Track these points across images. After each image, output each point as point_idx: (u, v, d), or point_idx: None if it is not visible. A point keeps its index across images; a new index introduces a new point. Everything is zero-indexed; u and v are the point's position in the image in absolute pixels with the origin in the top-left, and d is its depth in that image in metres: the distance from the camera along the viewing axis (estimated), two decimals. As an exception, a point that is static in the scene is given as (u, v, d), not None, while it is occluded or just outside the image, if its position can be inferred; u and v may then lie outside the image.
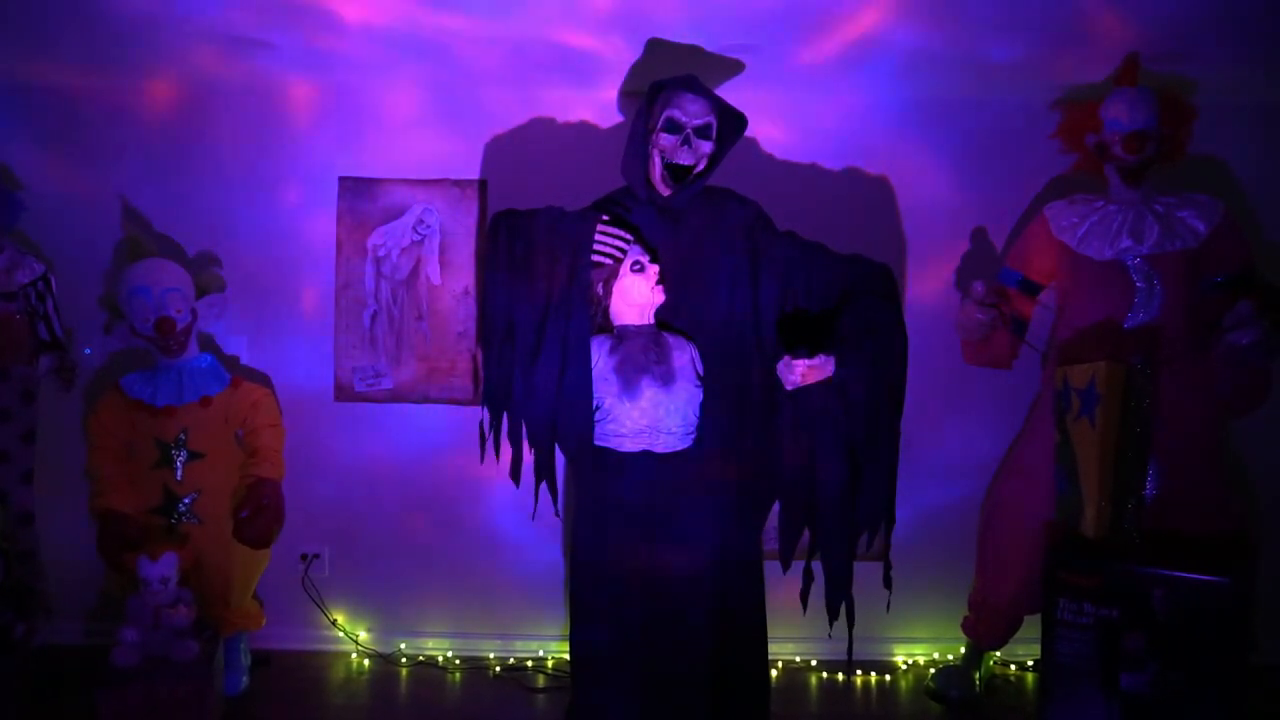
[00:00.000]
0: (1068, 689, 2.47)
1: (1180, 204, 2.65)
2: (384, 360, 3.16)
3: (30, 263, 2.85)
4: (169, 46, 2.83)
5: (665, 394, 2.31)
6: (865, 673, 3.08)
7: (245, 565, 2.84)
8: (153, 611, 2.56)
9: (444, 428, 3.18)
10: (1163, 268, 2.60)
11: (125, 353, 3.05)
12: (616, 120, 3.13)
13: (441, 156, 3.14)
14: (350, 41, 2.78)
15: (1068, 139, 2.82)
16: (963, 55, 2.79)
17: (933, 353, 3.07)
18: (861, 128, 3.14)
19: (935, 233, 3.15)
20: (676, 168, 2.36)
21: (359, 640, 3.21)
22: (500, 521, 3.20)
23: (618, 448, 2.34)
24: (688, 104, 2.35)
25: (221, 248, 3.15)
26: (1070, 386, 2.51)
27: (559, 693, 2.90)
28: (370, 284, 3.15)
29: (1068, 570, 2.47)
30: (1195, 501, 2.56)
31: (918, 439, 3.13)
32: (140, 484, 2.76)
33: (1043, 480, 2.67)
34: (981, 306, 2.65)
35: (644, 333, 2.36)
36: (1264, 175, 3.08)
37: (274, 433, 2.89)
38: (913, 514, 3.08)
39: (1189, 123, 2.72)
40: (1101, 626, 2.42)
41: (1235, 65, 2.83)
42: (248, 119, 3.14)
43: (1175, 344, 2.59)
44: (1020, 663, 3.13)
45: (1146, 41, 2.64)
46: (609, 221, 2.38)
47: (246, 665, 2.91)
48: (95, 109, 3.11)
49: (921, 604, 3.12)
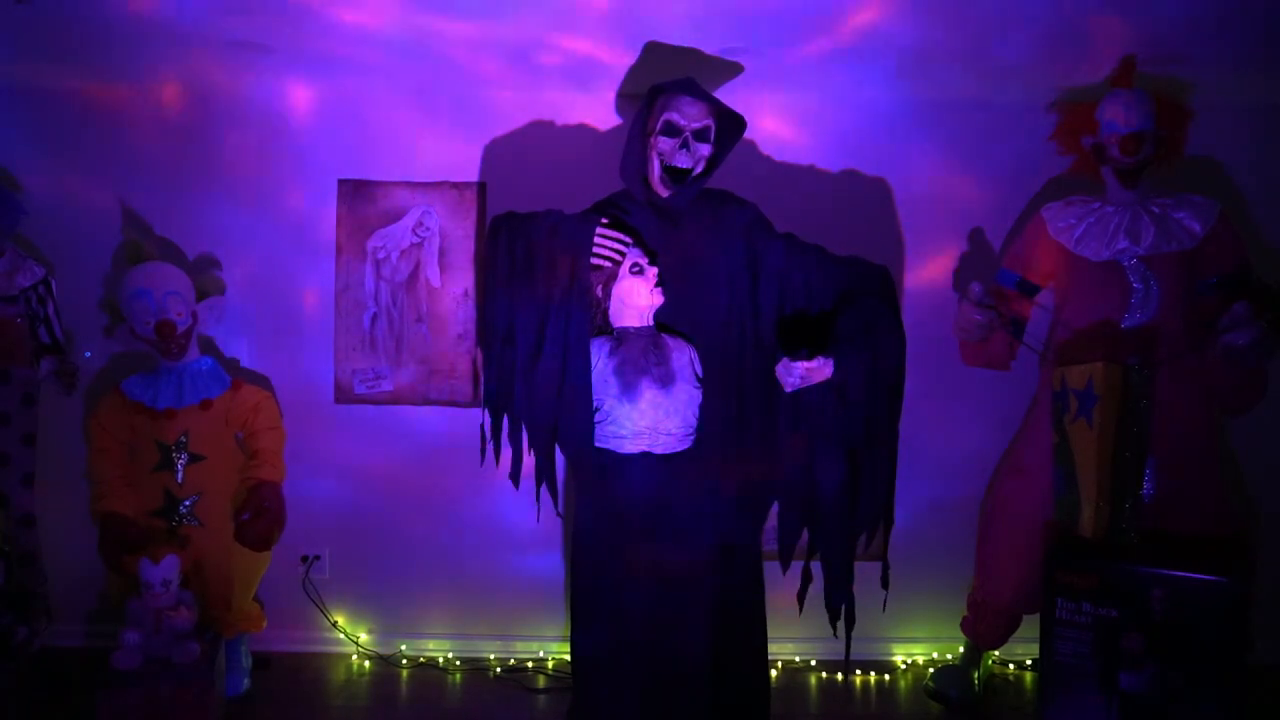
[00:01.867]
0: (1066, 688, 2.48)
1: (1176, 205, 2.66)
2: (384, 362, 3.17)
3: (31, 266, 2.86)
4: (169, 50, 2.84)
5: (664, 395, 2.32)
6: (864, 672, 3.09)
7: (246, 567, 2.85)
8: (154, 614, 2.56)
9: (444, 430, 3.18)
10: (1159, 268, 2.61)
11: (126, 355, 3.06)
12: (615, 123, 3.14)
13: (441, 159, 3.15)
14: (350, 45, 2.79)
15: (1064, 141, 2.83)
16: (960, 57, 2.80)
17: (931, 353, 3.08)
18: (859, 129, 3.15)
19: (933, 234, 3.16)
20: (675, 170, 2.37)
21: (360, 642, 3.21)
22: (500, 523, 3.21)
23: (617, 449, 2.35)
24: (686, 107, 2.36)
25: (221, 251, 3.16)
26: (1068, 387, 2.52)
27: (560, 693, 2.91)
28: (370, 286, 3.16)
29: (1066, 570, 2.48)
30: (1193, 501, 2.57)
31: (916, 439, 3.13)
32: (141, 487, 2.76)
33: (1041, 481, 2.68)
34: (979, 307, 2.66)
35: (643, 334, 2.37)
36: (1259, 176, 3.09)
37: (274, 435, 2.89)
38: (911, 514, 3.09)
39: (1185, 124, 2.73)
40: (1100, 626, 2.43)
41: (1231, 67, 2.85)
42: (248, 122, 3.15)
43: (1172, 344, 2.59)
44: (1019, 662, 3.14)
45: (1143, 43, 2.66)
46: (608, 224, 2.39)
47: (247, 667, 2.92)
48: (96, 113, 3.12)
49: (920, 604, 3.13)
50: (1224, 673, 2.32)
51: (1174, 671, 2.35)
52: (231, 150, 3.15)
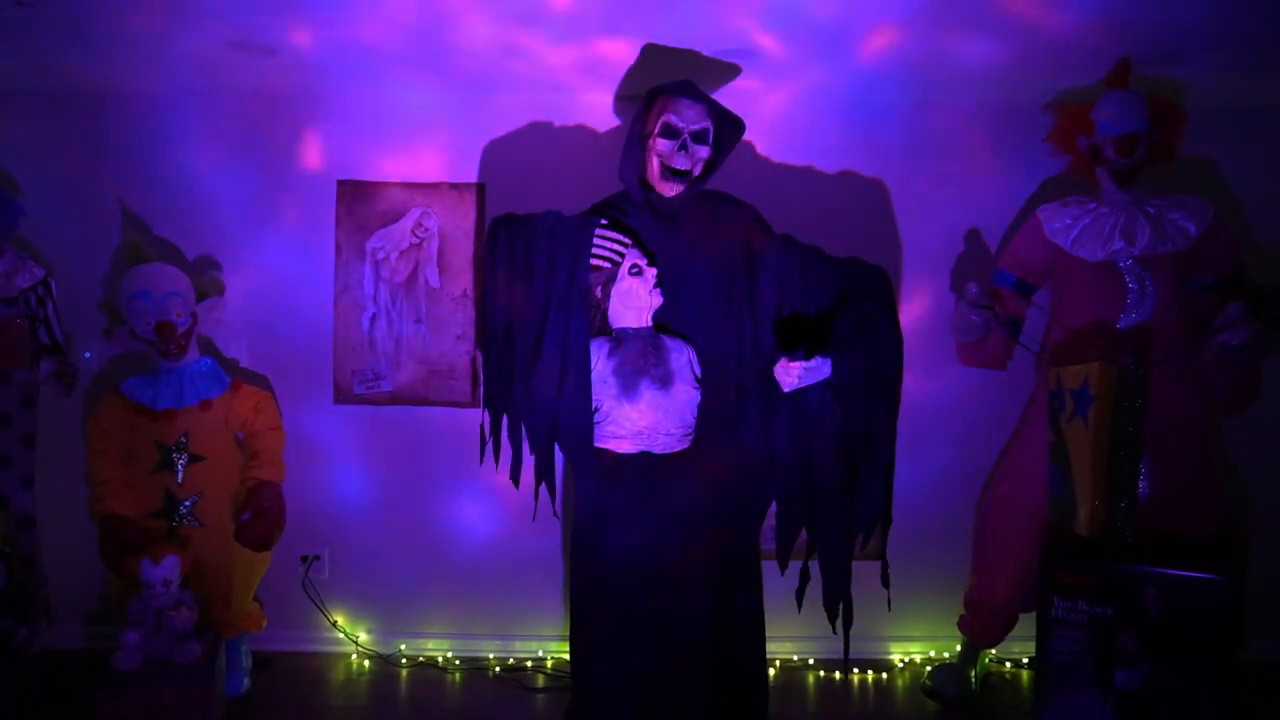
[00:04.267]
0: (1062, 686, 2.50)
1: (1171, 206, 2.68)
2: (383, 363, 3.17)
3: (30, 267, 2.86)
4: (168, 51, 2.84)
5: (663, 396, 2.33)
6: (862, 671, 3.10)
7: (246, 567, 2.85)
8: (154, 614, 2.57)
9: (443, 430, 3.19)
10: (1154, 269, 2.63)
11: (125, 357, 3.06)
12: (613, 124, 3.14)
13: (440, 160, 3.16)
14: (348, 46, 2.79)
15: (1060, 142, 2.84)
16: (957, 58, 2.81)
17: (928, 353, 3.10)
18: (857, 130, 3.16)
19: (930, 234, 3.17)
20: (674, 172, 2.37)
21: (359, 641, 3.22)
22: (499, 523, 3.21)
23: (616, 449, 2.35)
24: (685, 109, 2.36)
25: (221, 252, 3.16)
26: (1064, 387, 2.53)
27: (559, 693, 2.92)
28: (369, 287, 3.16)
29: (1062, 569, 2.50)
30: (1188, 500, 2.58)
31: (914, 439, 3.15)
32: (141, 487, 2.77)
33: (1037, 480, 2.69)
34: (976, 308, 2.67)
35: (642, 335, 2.38)
36: (1254, 177, 3.10)
37: (274, 435, 2.90)
38: (909, 513, 3.09)
39: (1180, 125, 2.74)
40: (1096, 624, 2.44)
41: (1226, 69, 2.86)
42: (247, 122, 3.15)
43: (1167, 345, 2.61)
44: (1016, 660, 3.15)
45: (1138, 45, 2.67)
46: (607, 225, 2.40)
47: (248, 667, 2.92)
48: (95, 113, 3.12)
49: (918, 603, 3.14)
50: (1218, 670, 2.34)
51: (1169, 669, 2.37)
52: (230, 150, 3.15)
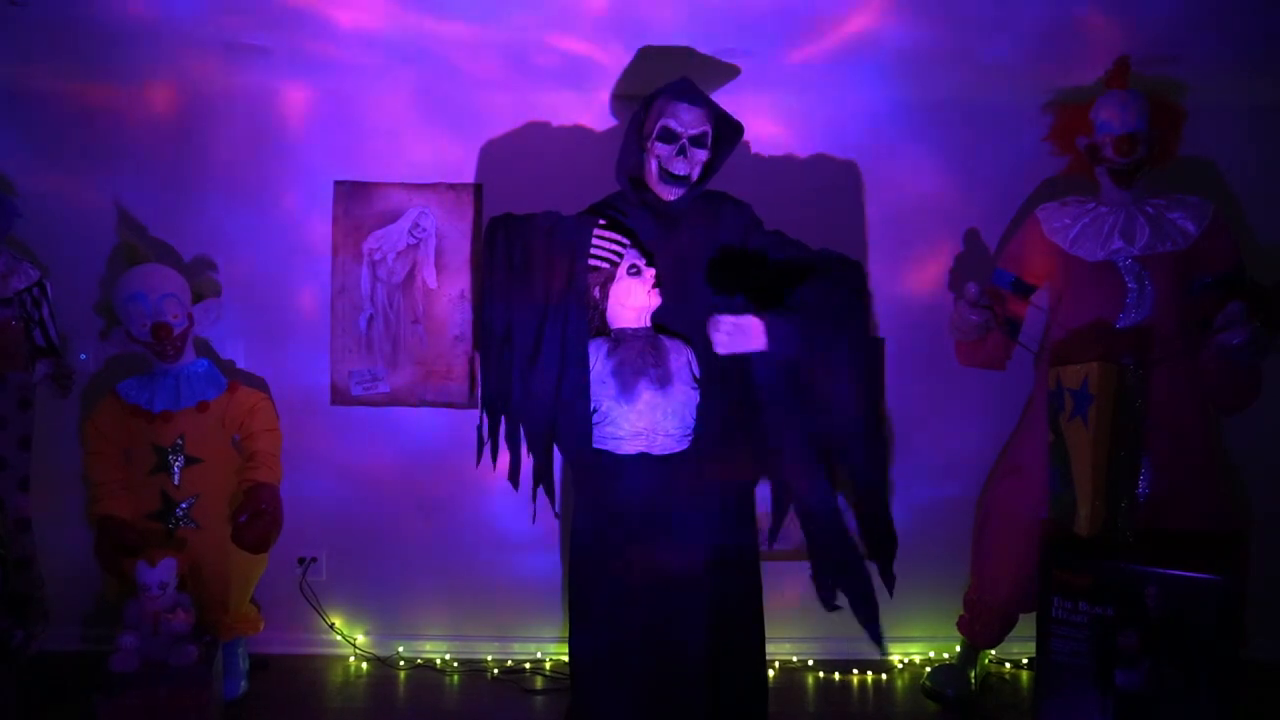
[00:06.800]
0: (1063, 686, 2.49)
1: (1170, 205, 2.68)
2: (380, 364, 3.16)
3: (26, 269, 2.85)
4: (165, 52, 2.84)
5: (662, 396, 2.32)
6: (861, 671, 3.10)
7: (243, 569, 2.84)
8: (151, 617, 2.56)
9: (440, 431, 3.18)
10: (1154, 268, 2.63)
11: (122, 358, 3.05)
12: (611, 124, 3.14)
13: (437, 160, 3.15)
14: (346, 46, 2.78)
15: (1059, 141, 2.84)
16: (955, 57, 2.81)
17: (927, 353, 3.10)
18: (855, 129, 3.16)
19: (929, 234, 3.17)
20: (672, 176, 2.37)
21: (357, 643, 3.21)
22: (498, 524, 3.21)
23: (615, 450, 2.35)
24: (683, 113, 2.36)
25: (217, 253, 3.16)
26: (1063, 387, 2.53)
27: (557, 695, 2.91)
28: (366, 288, 3.15)
29: (1062, 569, 2.49)
30: (1187, 500, 2.58)
31: (913, 439, 3.16)
32: (138, 489, 2.76)
33: (1037, 480, 2.69)
34: (975, 308, 2.67)
35: (641, 336, 2.37)
36: (1253, 176, 3.11)
37: (271, 437, 2.89)
38: (908, 513, 3.10)
39: (1179, 125, 2.74)
40: (1096, 624, 2.44)
41: (1225, 68, 2.86)
42: (243, 124, 3.14)
43: (1167, 344, 2.61)
44: (1015, 661, 3.15)
45: (1137, 44, 2.67)
46: (606, 225, 2.39)
47: (245, 669, 2.91)
48: (91, 115, 3.11)
49: (917, 603, 3.13)
50: (1219, 670, 2.33)
51: (1169, 669, 2.36)
52: (227, 152, 3.14)
